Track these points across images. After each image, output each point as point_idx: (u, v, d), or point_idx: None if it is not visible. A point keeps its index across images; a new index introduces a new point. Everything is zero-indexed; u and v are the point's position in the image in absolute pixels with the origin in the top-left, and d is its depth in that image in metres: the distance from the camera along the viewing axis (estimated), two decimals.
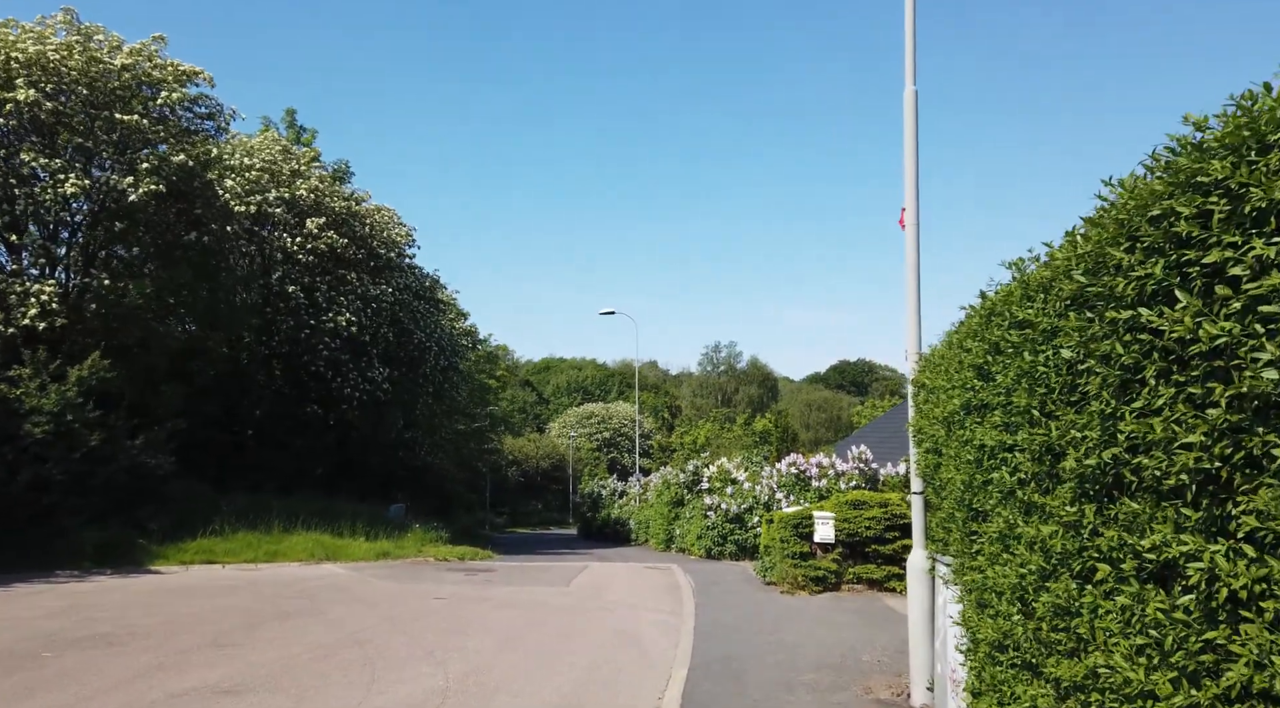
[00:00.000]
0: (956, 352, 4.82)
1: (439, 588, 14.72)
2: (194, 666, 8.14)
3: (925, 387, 6.18)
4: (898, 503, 14.43)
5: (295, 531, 19.94)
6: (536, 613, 12.05)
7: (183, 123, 19.77)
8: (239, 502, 21.00)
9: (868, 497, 14.52)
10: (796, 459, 24.17)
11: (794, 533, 14.56)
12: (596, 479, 45.92)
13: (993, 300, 4.10)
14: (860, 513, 14.27)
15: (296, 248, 25.03)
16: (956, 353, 4.80)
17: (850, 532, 14.23)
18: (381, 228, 28.98)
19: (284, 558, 18.21)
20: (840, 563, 14.41)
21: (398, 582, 15.50)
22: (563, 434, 79.02)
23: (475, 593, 14.15)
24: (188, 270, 20.29)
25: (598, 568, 19.36)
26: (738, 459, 26.76)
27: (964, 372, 4.47)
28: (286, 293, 24.89)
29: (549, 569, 18.84)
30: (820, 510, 14.69)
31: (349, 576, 16.32)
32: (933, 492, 6.46)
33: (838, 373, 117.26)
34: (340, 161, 32.38)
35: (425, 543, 22.21)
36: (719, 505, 23.20)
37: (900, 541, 14.07)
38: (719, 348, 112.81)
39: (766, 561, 16.03)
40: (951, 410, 4.83)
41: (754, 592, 14.54)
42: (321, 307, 25.81)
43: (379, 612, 11.80)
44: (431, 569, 17.96)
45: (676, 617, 12.00)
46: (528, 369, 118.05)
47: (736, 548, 22.88)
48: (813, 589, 14.11)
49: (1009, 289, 3.85)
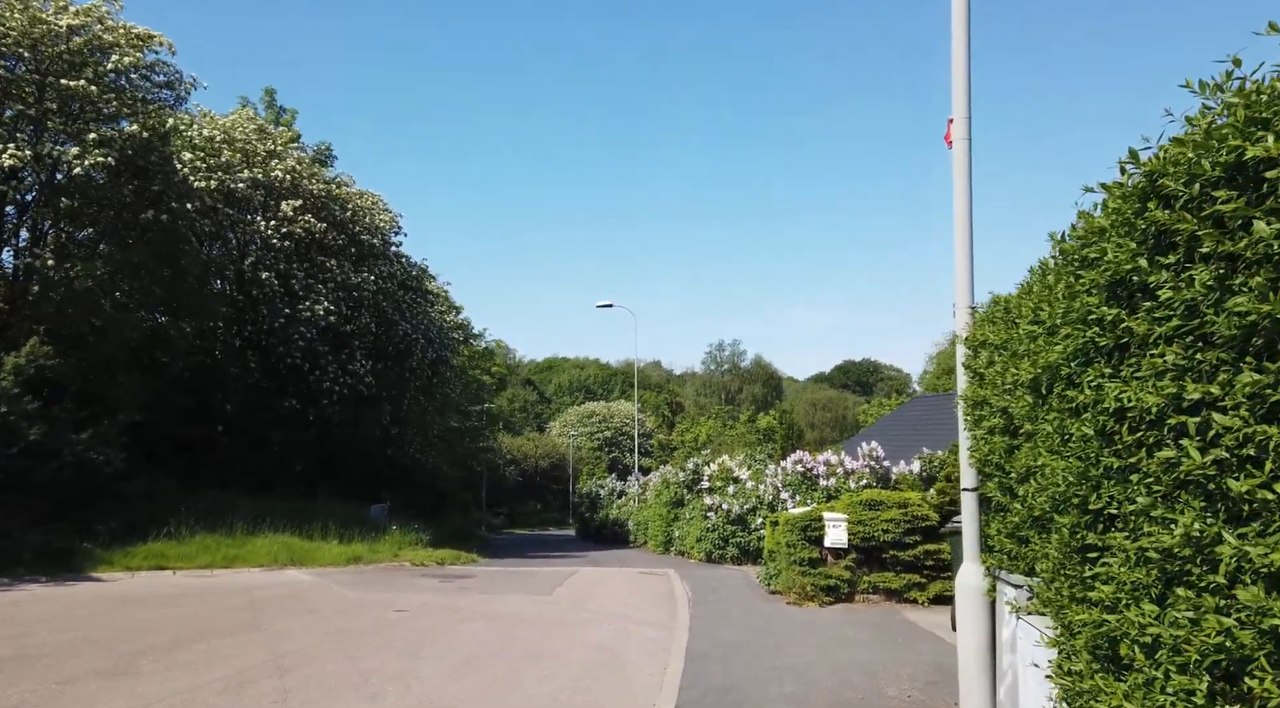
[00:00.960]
0: (1062, 275, 3.25)
1: (405, 597, 13.20)
2: (65, 703, 6.62)
3: (987, 345, 4.62)
4: (918, 503, 12.88)
5: (261, 533, 18.44)
6: (508, 628, 10.52)
7: (138, 91, 18.27)
8: (204, 501, 19.51)
9: (884, 496, 12.96)
10: (803, 457, 22.67)
11: (802, 537, 13.02)
12: (595, 479, 44.34)
13: (1161, 159, 2.46)
14: (876, 514, 12.72)
15: (271, 232, 23.52)
16: (1063, 277, 3.23)
17: (865, 535, 12.68)
18: (365, 213, 27.48)
19: (244, 563, 16.70)
20: (854, 571, 12.86)
21: (362, 590, 13.99)
22: (563, 433, 77.47)
23: (444, 603, 12.63)
24: (147, 252, 18.79)
25: (588, 573, 17.84)
26: (740, 457, 25.22)
27: (1080, 300, 2.90)
28: (260, 280, 23.39)
29: (535, 575, 17.33)
30: (831, 512, 13.15)
31: (310, 583, 14.81)
32: (998, 488, 4.83)
33: (842, 373, 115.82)
34: (322, 144, 30.89)
35: (404, 546, 20.71)
36: (720, 506, 21.67)
37: (922, 545, 12.53)
38: (722, 346, 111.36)
39: (771, 567, 14.48)
40: (1048, 365, 3.29)
41: (757, 602, 13.00)
42: (298, 295, 24.31)
43: (327, 627, 10.28)
44: (405, 575, 16.45)
45: (668, 632, 10.47)
46: (531, 368, 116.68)
47: (739, 551, 21.35)
48: (823, 600, 12.56)
49: (1212, 115, 2.26)
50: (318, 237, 25.12)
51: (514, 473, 65.62)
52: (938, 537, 12.76)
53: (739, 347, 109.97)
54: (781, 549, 13.53)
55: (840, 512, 13.07)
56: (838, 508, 13.34)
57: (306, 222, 24.38)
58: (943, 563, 12.45)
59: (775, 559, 14.30)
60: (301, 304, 24.02)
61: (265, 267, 23.85)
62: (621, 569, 19.21)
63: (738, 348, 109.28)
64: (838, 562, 12.93)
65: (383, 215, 28.43)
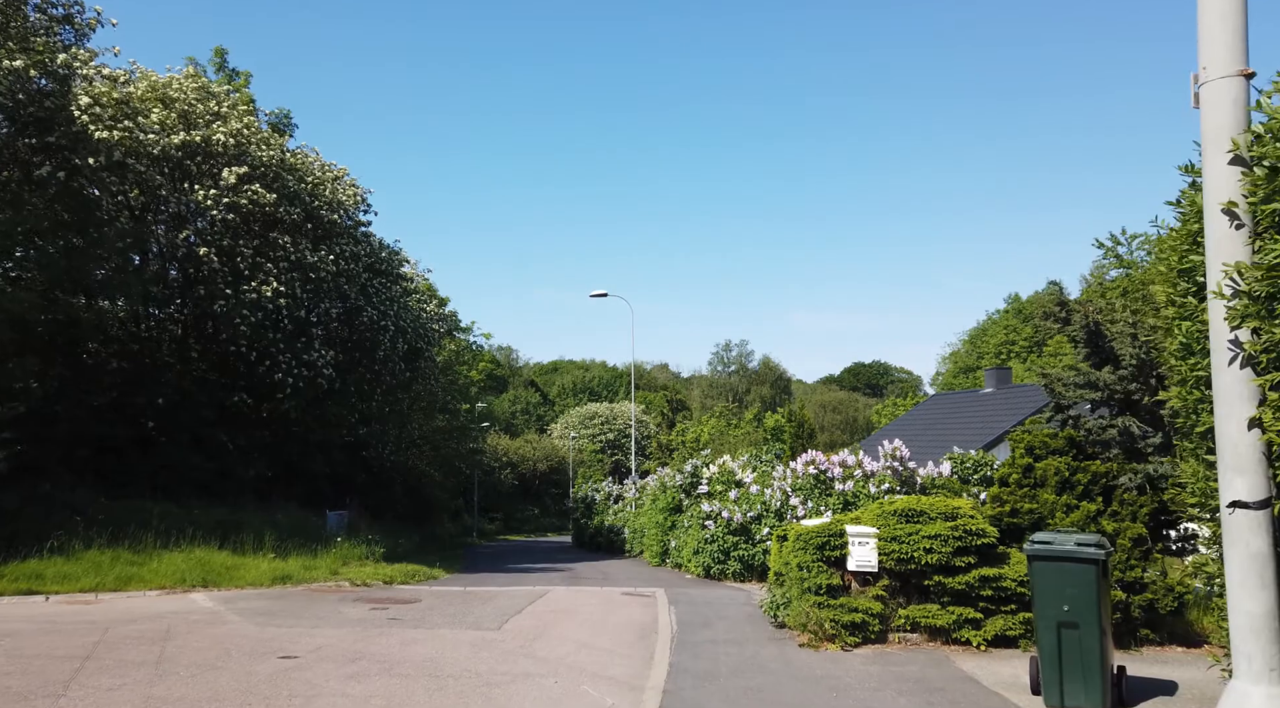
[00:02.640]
0: None
1: (309, 635, 10.28)
2: None
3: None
4: (970, 514, 9.87)
5: (176, 547, 15.56)
6: (409, 691, 7.59)
7: (27, 24, 15.48)
8: (118, 511, 16.65)
9: (926, 504, 9.96)
10: (815, 457, 19.72)
11: (818, 557, 10.03)
12: (590, 482, 41.37)
13: None
14: (916, 529, 9.72)
15: (210, 202, 20.67)
16: None
17: (901, 556, 9.69)
18: (325, 186, 24.62)
19: (141, 584, 13.80)
20: (886, 602, 9.86)
21: (261, 623, 11.07)
22: (564, 436, 74.47)
23: (351, 645, 9.69)
24: (46, 216, 15.97)
25: (559, 596, 14.88)
26: (744, 457, 22.24)
27: None
28: (197, 256, 20.52)
29: (494, 598, 14.39)
30: (856, 525, 10.16)
31: (204, 613, 11.90)
32: None
33: (852, 375, 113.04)
34: (280, 109, 28.04)
35: (351, 561, 17.80)
36: (719, 513, 18.69)
37: (977, 570, 9.52)
38: (729, 347, 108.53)
39: (778, 593, 11.47)
40: None
41: (760, 643, 10.03)
42: (243, 274, 21.44)
43: (150, 692, 7.37)
44: (332, 601, 13.52)
45: (634, 696, 7.53)
46: (535, 370, 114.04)
47: (741, 566, 18.39)
48: (846, 640, 9.58)
49: None
50: (268, 210, 22.25)
51: (510, 477, 62.69)
52: (997, 558, 9.76)
53: (746, 347, 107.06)
54: (792, 572, 10.55)
55: (867, 525, 10.08)
56: (864, 520, 10.34)
57: (254, 192, 21.51)
58: (1004, 593, 9.45)
59: (784, 583, 11.31)
60: (247, 285, 21.14)
61: (204, 242, 20.99)
62: (602, 589, 16.26)
63: (745, 348, 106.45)
64: (865, 590, 9.94)
65: (347, 190, 25.57)
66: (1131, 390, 9.65)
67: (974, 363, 68.60)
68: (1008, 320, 67.44)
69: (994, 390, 35.13)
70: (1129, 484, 9.80)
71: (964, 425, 33.19)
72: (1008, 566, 9.63)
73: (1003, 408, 32.52)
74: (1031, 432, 10.89)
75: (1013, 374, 39.92)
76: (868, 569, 9.83)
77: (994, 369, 38.33)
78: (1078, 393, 10.22)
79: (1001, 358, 59.56)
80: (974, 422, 33.01)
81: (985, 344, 68.13)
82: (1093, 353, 10.03)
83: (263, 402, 24.02)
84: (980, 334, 71.10)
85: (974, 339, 72.65)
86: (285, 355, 22.72)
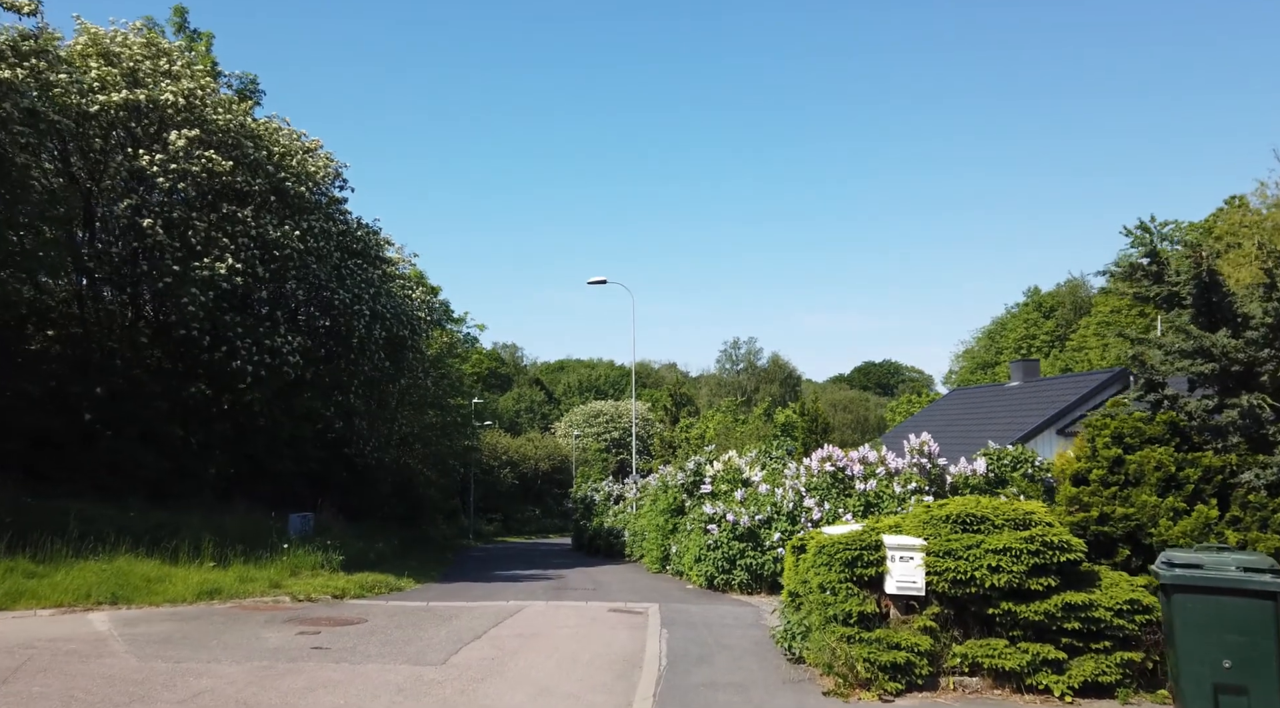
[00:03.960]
0: None
1: (199, 673, 8.06)
2: None
3: None
4: (1046, 521, 7.56)
5: (93, 556, 13.37)
6: None
7: None
8: (26, 512, 14.44)
9: (988, 508, 7.64)
10: (833, 452, 17.50)
11: (847, 576, 7.75)
12: (590, 482, 39.09)
13: None
14: (977, 540, 7.42)
15: (156, 169, 18.49)
16: None
17: (958, 576, 7.40)
18: (293, 156, 22.42)
19: (34, 601, 11.60)
20: (937, 636, 7.57)
21: (150, 655, 8.86)
22: (568, 434, 72.13)
23: (241, 692, 7.47)
24: None
25: (534, 614, 12.64)
26: (751, 453, 19.96)
27: None
28: (140, 228, 18.34)
29: (456, 616, 12.16)
30: (896, 534, 7.87)
31: (87, 640, 9.69)
32: None
33: (862, 374, 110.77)
34: (245, 74, 25.85)
35: (302, 570, 15.59)
36: (724, 516, 16.42)
37: (1060, 595, 7.21)
38: (738, 344, 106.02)
39: (794, 618, 9.17)
40: None
41: (772, 688, 7.75)
42: (196, 249, 19.27)
43: None
44: (256, 622, 11.30)
45: None
46: (542, 369, 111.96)
47: (749, 576, 16.13)
48: (886, 687, 7.30)
49: None
50: (225, 179, 20.08)
51: (510, 476, 60.41)
52: (1082, 580, 7.45)
53: (755, 344, 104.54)
54: (813, 594, 8.27)
55: (910, 534, 7.80)
56: (905, 528, 8.05)
57: (208, 159, 19.34)
58: (1096, 625, 7.14)
59: (802, 607, 9.02)
60: (199, 262, 18.96)
61: (150, 213, 18.80)
62: (587, 604, 14.01)
63: (754, 345, 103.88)
64: (909, 620, 7.65)
65: (317, 162, 23.36)
66: (1259, 359, 7.34)
67: (992, 358, 66.02)
68: (1027, 314, 64.84)
69: (1021, 384, 32.67)
70: (1255, 482, 7.49)
71: (989, 421, 30.76)
72: (1098, 590, 7.32)
73: (1032, 402, 30.07)
74: (1115, 416, 8.58)
75: (1040, 368, 37.41)
76: (912, 592, 7.56)
77: (1020, 361, 35.84)
78: (1181, 365, 7.91)
79: (1022, 353, 57.04)
80: (1000, 417, 30.57)
81: (1004, 339, 65.55)
82: (1203, 312, 7.72)
83: (223, 392, 21.82)
84: (999, 329, 68.49)
85: (991, 335, 70.04)
86: (245, 341, 20.53)
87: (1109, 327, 47.80)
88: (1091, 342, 50.03)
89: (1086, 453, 8.52)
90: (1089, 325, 52.86)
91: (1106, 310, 48.46)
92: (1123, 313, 46.57)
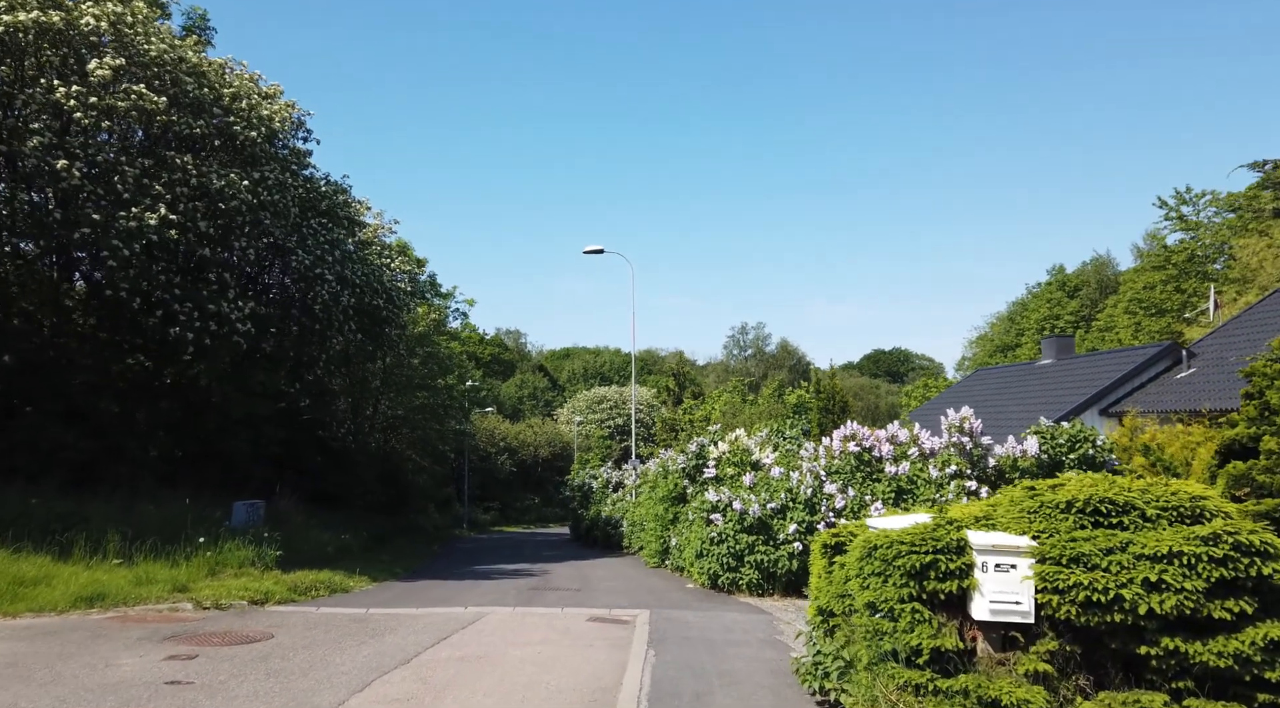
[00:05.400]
0: None
1: None
2: None
3: None
4: (1222, 508, 4.91)
5: None
6: None
7: None
8: None
9: (1135, 491, 5.00)
10: (858, 431, 14.91)
11: (911, 591, 5.12)
12: (588, 468, 36.54)
13: None
14: (1121, 539, 4.78)
15: (75, 103, 15.93)
16: None
17: (1091, 595, 4.76)
18: (244, 99, 19.80)
19: None
20: (1054, 685, 4.95)
21: None
22: (570, 420, 69.57)
23: None
24: None
25: (491, 626, 10.08)
26: (762, 433, 17.36)
27: None
28: (54, 171, 15.76)
29: (391, 630, 9.62)
30: (987, 529, 5.24)
31: None
32: None
33: (872, 362, 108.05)
34: (194, 8, 23.18)
35: (228, 567, 13.05)
36: (730, 504, 13.83)
37: (1260, 627, 4.56)
38: (745, 329, 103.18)
39: (826, 647, 6.53)
40: None
41: None
42: (123, 197, 16.71)
43: None
44: (118, 641, 8.75)
45: None
46: (548, 356, 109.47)
47: (759, 575, 13.55)
48: None
49: None
50: (160, 119, 17.51)
51: (508, 463, 57.90)
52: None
53: (763, 329, 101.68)
54: (858, 615, 5.65)
55: (1009, 530, 5.17)
56: (998, 520, 5.41)
57: (137, 94, 16.77)
58: None
59: (837, 631, 6.40)
60: (126, 212, 16.40)
61: (66, 154, 16.23)
62: (563, 610, 11.45)
63: (762, 331, 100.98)
64: (1009, 658, 5.02)
65: (272, 106, 20.73)
66: None
67: (1012, 341, 63.08)
68: (1050, 293, 61.84)
69: (1054, 362, 29.94)
70: None
71: (1021, 401, 28.07)
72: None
73: (1069, 381, 27.35)
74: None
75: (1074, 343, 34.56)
76: (1015, 619, 4.93)
77: (1054, 338, 33.03)
78: None
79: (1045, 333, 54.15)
80: (1033, 396, 27.86)
81: (1025, 320, 62.57)
82: None
83: (166, 365, 19.31)
84: (1019, 310, 65.50)
85: (1011, 317, 67.05)
86: (185, 305, 17.97)
87: (1142, 304, 44.88)
88: (1121, 320, 47.09)
89: (1251, 414, 5.88)
90: (1117, 304, 49.92)
91: (1138, 286, 45.49)
92: (1156, 289, 43.63)
